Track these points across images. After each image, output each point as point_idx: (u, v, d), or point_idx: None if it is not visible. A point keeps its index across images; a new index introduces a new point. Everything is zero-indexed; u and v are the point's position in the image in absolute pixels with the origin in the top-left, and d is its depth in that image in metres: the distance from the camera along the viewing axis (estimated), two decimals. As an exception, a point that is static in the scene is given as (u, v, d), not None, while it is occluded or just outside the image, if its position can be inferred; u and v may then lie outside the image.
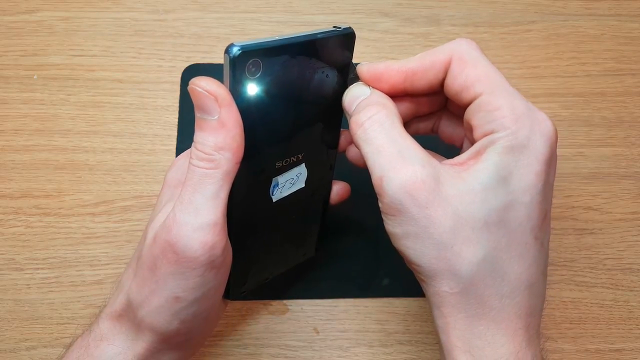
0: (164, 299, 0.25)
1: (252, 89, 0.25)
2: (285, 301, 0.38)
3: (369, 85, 0.27)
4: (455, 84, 0.25)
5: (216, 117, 0.24)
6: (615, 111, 0.44)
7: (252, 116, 0.26)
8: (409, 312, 0.38)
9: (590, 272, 0.40)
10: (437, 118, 0.31)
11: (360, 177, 0.32)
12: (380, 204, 0.25)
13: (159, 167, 0.42)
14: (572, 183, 0.42)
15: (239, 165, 0.25)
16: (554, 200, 0.41)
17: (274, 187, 0.29)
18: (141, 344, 0.26)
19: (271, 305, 0.38)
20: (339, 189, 0.34)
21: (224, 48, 0.25)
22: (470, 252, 0.23)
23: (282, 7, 0.47)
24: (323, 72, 0.27)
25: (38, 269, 0.39)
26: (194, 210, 0.24)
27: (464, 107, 0.26)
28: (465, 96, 0.25)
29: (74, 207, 0.40)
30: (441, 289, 0.24)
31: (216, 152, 0.24)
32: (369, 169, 0.25)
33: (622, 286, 0.39)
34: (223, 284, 0.27)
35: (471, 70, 0.25)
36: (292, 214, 0.32)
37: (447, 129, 0.30)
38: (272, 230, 0.32)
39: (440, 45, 0.27)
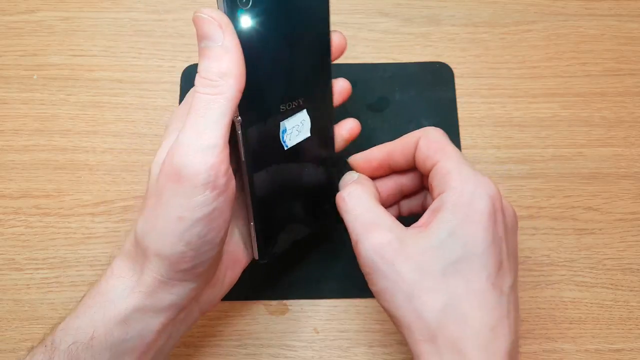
0: (168, 220, 0.26)
1: (246, 20, 0.27)
2: (285, 301, 0.38)
3: (357, 173, 0.33)
4: (421, 154, 0.31)
5: (220, 43, 0.26)
6: (615, 111, 0.44)
7: (250, 50, 0.27)
8: (408, 312, 0.38)
9: (590, 272, 0.40)
10: (423, 198, 0.35)
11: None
12: (359, 265, 0.29)
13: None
14: (572, 183, 0.42)
15: (241, 93, 0.26)
16: (553, 201, 0.41)
17: (283, 132, 0.30)
18: (149, 274, 0.27)
19: (271, 305, 0.38)
20: (347, 126, 0.34)
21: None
22: (433, 300, 0.27)
23: (282, 7, 0.47)
24: (305, 6, 0.29)
25: (38, 269, 0.39)
26: (196, 133, 0.26)
27: (427, 174, 0.31)
28: (428, 164, 0.30)
29: (74, 207, 0.40)
30: (415, 337, 0.27)
31: (220, 79, 0.26)
32: (349, 234, 0.30)
33: (622, 286, 0.39)
34: (227, 210, 0.27)
35: (432, 144, 0.30)
36: (307, 167, 0.32)
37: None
38: (292, 184, 0.32)
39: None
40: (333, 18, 0.46)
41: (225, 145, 0.26)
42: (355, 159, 0.34)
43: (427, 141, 0.31)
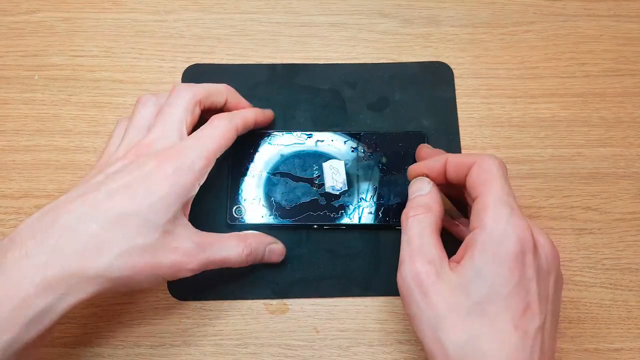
0: None
1: None
2: (285, 300, 0.39)
3: (430, 182, 0.34)
4: (470, 182, 0.32)
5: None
6: (614, 112, 0.44)
7: None
8: (408, 312, 0.38)
9: (589, 271, 0.40)
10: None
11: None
12: (397, 285, 0.31)
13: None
14: (571, 183, 0.42)
15: None
16: (552, 201, 0.41)
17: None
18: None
19: (271, 304, 0.39)
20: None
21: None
22: (455, 335, 0.28)
23: (282, 7, 0.47)
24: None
25: (39, 268, 0.39)
26: None
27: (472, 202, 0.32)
28: (472, 193, 0.31)
29: (75, 207, 0.41)
30: None
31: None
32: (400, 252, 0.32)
33: (621, 286, 0.39)
34: None
35: (482, 174, 0.31)
36: None
37: None
38: None
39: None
40: (333, 19, 0.47)
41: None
42: (415, 170, 0.35)
43: (478, 170, 0.31)
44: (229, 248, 0.34)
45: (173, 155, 0.31)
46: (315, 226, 0.39)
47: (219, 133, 0.34)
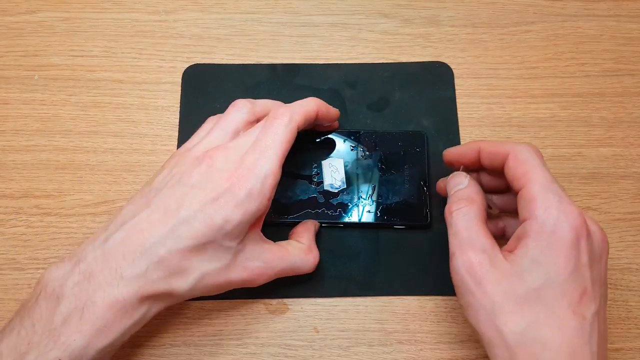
0: None
1: None
2: (285, 300, 0.39)
3: (467, 176, 0.34)
4: (509, 175, 0.32)
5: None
6: (614, 111, 0.44)
7: None
8: (408, 312, 0.38)
9: (589, 271, 0.40)
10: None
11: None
12: (451, 277, 0.31)
13: (160, 167, 0.42)
14: (570, 183, 0.42)
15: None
16: (552, 200, 0.41)
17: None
18: None
19: (271, 304, 0.39)
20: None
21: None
22: (514, 322, 0.28)
23: (281, 8, 0.47)
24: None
25: (39, 268, 0.39)
26: None
27: (516, 193, 0.32)
28: (515, 185, 0.31)
29: (75, 207, 0.41)
30: (495, 352, 0.29)
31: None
32: (449, 246, 0.32)
33: (621, 286, 0.39)
34: None
35: (520, 166, 0.31)
36: None
37: None
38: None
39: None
40: (333, 19, 0.47)
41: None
42: (449, 155, 0.36)
43: (515, 162, 0.32)
44: (298, 261, 0.36)
45: (243, 177, 0.31)
46: None
47: (281, 139, 0.33)
